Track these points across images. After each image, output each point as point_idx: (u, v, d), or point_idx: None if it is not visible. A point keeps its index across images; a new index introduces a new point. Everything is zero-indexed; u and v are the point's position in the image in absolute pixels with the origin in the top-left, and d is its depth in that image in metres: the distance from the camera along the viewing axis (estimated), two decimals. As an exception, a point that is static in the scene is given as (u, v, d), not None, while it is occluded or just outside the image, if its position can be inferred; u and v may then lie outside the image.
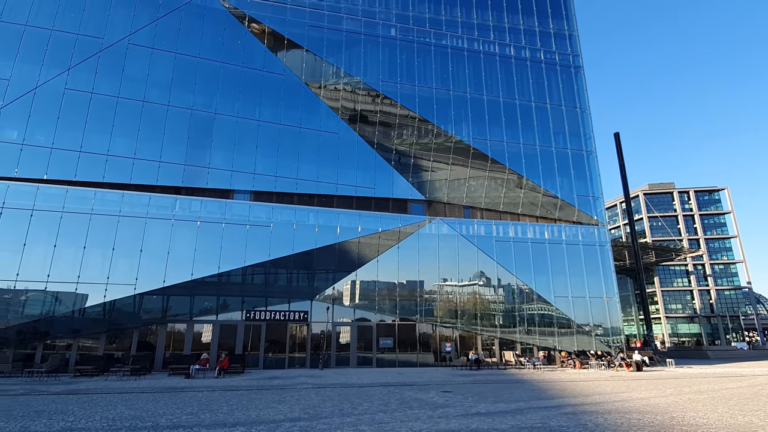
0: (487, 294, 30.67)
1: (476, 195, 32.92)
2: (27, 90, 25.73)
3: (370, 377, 21.37)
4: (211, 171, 28.18)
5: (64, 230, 24.33)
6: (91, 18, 28.20)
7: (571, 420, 9.50)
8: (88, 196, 25.32)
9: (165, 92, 28.44)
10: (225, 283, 26.75)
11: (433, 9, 35.88)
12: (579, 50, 37.39)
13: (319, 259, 28.75)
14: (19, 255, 23.40)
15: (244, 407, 11.56)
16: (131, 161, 26.59)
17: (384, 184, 31.52)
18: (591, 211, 33.36)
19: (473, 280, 30.70)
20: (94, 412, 10.75)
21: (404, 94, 32.76)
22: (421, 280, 30.12)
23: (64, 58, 26.87)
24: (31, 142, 25.12)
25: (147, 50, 28.70)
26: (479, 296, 30.45)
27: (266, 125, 30.02)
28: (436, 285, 30.20)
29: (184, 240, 26.12)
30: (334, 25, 33.16)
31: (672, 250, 69.60)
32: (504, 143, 33.38)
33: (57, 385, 17.26)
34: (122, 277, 24.53)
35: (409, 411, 10.73)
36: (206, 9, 30.82)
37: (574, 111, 35.57)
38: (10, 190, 24.14)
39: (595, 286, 31.57)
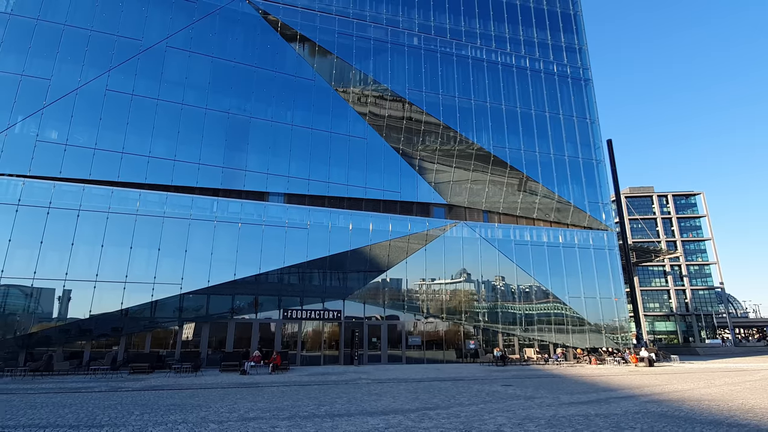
0: (507, 294, 32.45)
1: (495, 200, 34.64)
2: (68, 90, 25.95)
3: (415, 373, 22.75)
4: (248, 173, 28.95)
5: (111, 230, 24.79)
6: (129, 19, 28.51)
7: (659, 407, 11.14)
8: (132, 197, 25.80)
9: (202, 95, 29.02)
10: (264, 283, 27.64)
11: (453, 20, 37.34)
12: (588, 64, 39.54)
13: (352, 260, 29.93)
14: (67, 254, 23.78)
15: (349, 400, 12.78)
16: (172, 163, 27.15)
17: (409, 188, 32.88)
18: (600, 216, 35.54)
19: (494, 281, 32.42)
20: (221, 406, 11.79)
21: (429, 102, 34.15)
22: (447, 281, 31.66)
23: (104, 59, 27.16)
24: (74, 143, 25.41)
25: (184, 53, 29.20)
26: (500, 296, 32.20)
27: (299, 129, 30.93)
28: (460, 285, 31.79)
29: (226, 241, 26.90)
30: (362, 32, 34.25)
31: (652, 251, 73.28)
32: (521, 151, 35.19)
33: (126, 382, 18.02)
34: (168, 276, 25.16)
35: (507, 402, 12.18)
36: (239, 14, 31.43)
37: (585, 122, 37.69)
38: (56, 190, 24.43)
39: (604, 287, 33.78)
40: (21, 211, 23.57)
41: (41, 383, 17.56)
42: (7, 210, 23.41)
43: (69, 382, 17.95)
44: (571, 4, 41.04)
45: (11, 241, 23.07)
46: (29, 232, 23.48)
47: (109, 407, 11.52)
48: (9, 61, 25.35)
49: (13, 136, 24.40)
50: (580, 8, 41.04)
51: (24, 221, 23.50)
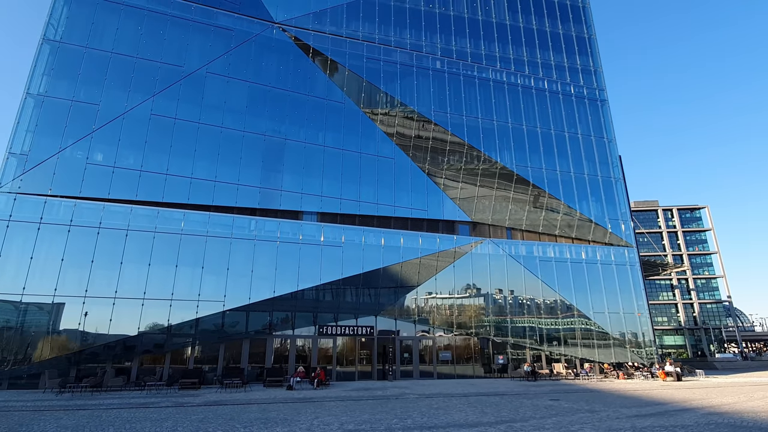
0: (533, 309, 33.16)
1: (518, 217, 35.59)
2: (116, 115, 27.13)
3: (453, 388, 23.38)
4: (284, 193, 29.96)
5: (157, 249, 25.68)
6: (171, 46, 29.86)
7: (722, 418, 11.90)
8: (176, 217, 26.75)
9: (240, 118, 30.21)
10: (300, 300, 28.40)
11: (474, 44, 38.84)
12: (604, 85, 40.94)
13: (384, 277, 30.73)
14: (116, 273, 24.62)
15: (421, 414, 13.52)
16: (213, 184, 28.18)
17: (435, 207, 33.86)
18: (620, 233, 36.46)
19: (520, 296, 33.17)
20: (306, 419, 12.53)
21: (453, 123, 35.38)
22: (475, 297, 32.42)
23: (148, 85, 28.41)
24: (121, 165, 26.47)
25: (223, 78, 30.49)
26: (527, 311, 32.91)
27: (330, 150, 32.06)
28: (487, 301, 32.53)
29: (265, 259, 27.75)
30: (388, 57, 35.67)
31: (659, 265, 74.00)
32: (543, 170, 36.29)
33: (185, 398, 18.69)
34: (211, 294, 25.95)
35: (575, 415, 12.92)
36: (273, 40, 32.85)
37: (602, 141, 38.89)
38: (105, 211, 25.39)
39: (627, 302, 34.51)
40: (73, 231, 24.49)
41: (104, 399, 18.22)
42: (60, 230, 24.33)
43: (131, 398, 18.62)
44: (585, 28, 42.64)
45: (64, 261, 23.94)
46: (81, 251, 24.37)
47: (202, 421, 12.26)
48: (60, 87, 26.57)
49: (65, 159, 25.46)
50: (594, 32, 42.63)
51: (76, 241, 24.41)
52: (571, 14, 42.63)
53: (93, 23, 28.38)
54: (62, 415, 13.42)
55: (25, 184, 24.42)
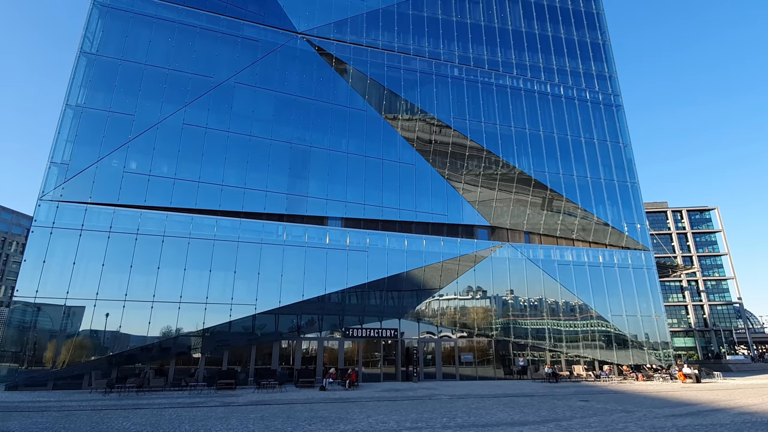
0: (553, 312, 33.82)
1: (535, 221, 36.27)
2: (150, 125, 28.13)
3: (479, 389, 24.11)
4: (309, 199, 30.84)
5: (192, 255, 26.62)
6: (201, 58, 30.85)
7: (754, 417, 12.57)
8: (209, 223, 27.69)
9: (267, 127, 31.14)
10: (327, 303, 29.24)
11: (490, 51, 39.60)
12: (619, 90, 41.54)
13: (408, 281, 31.53)
14: (153, 277, 25.59)
15: (466, 412, 14.28)
16: (242, 191, 29.11)
17: (455, 211, 34.61)
18: (637, 237, 37.05)
19: (539, 299, 33.85)
20: (360, 417, 13.33)
21: (472, 129, 36.14)
22: (495, 300, 33.12)
23: (180, 95, 29.41)
24: (156, 173, 27.45)
25: (250, 88, 31.45)
26: (547, 314, 33.57)
27: (353, 156, 32.91)
28: (507, 304, 33.23)
29: (294, 263, 28.63)
30: (408, 65, 36.51)
31: (669, 266, 74.22)
32: (560, 175, 36.96)
33: (228, 398, 19.55)
34: (243, 297, 26.86)
35: (613, 415, 13.64)
36: (298, 51, 33.77)
37: (618, 146, 39.50)
38: (142, 218, 26.37)
39: (645, 305, 35.08)
40: (112, 237, 25.49)
41: (153, 399, 19.11)
42: (100, 237, 25.32)
43: (177, 398, 19.51)
44: (599, 34, 43.28)
45: (104, 266, 24.93)
46: (120, 257, 25.36)
47: (264, 419, 13.10)
48: (97, 98, 27.61)
49: (103, 168, 26.47)
50: (608, 38, 43.26)
51: (115, 247, 25.41)
52: (585, 21, 43.30)
53: (127, 36, 29.43)
54: (129, 414, 14.30)
55: (67, 192, 25.45)
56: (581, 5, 43.93)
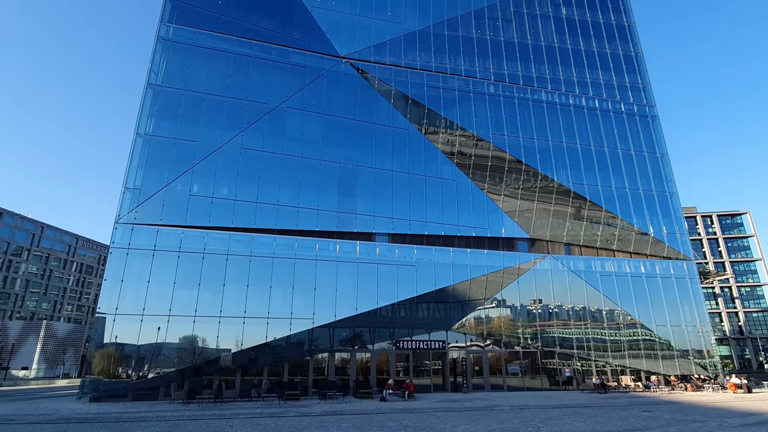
0: (596, 323, 34.28)
1: (575, 233, 36.88)
2: (212, 150, 30.03)
3: (532, 399, 24.84)
4: (358, 216, 32.22)
5: (253, 272, 28.22)
6: (255, 85, 32.77)
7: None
8: (267, 242, 29.30)
9: (317, 148, 32.77)
10: (379, 316, 30.41)
11: (524, 67, 40.66)
12: (653, 101, 42.01)
13: (454, 294, 32.51)
14: (219, 294, 27.24)
15: (546, 423, 15.19)
16: (296, 210, 30.69)
17: (495, 225, 35.52)
18: (678, 246, 37.27)
19: (583, 310, 34.36)
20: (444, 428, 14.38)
21: (511, 144, 37.14)
22: (539, 311, 33.81)
23: (237, 121, 31.31)
24: (218, 195, 29.27)
25: (300, 112, 33.20)
26: (591, 325, 34.04)
27: (397, 174, 34.24)
28: (552, 315, 33.85)
29: (347, 278, 29.97)
30: (446, 84, 37.84)
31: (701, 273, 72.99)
32: (599, 187, 37.56)
33: (302, 408, 20.81)
34: (302, 312, 28.28)
35: (690, 425, 14.38)
36: (342, 74, 35.47)
37: (655, 156, 39.91)
38: (208, 238, 28.14)
39: (689, 315, 35.24)
40: (182, 256, 27.28)
41: (233, 409, 20.51)
42: (171, 256, 27.15)
43: (254, 408, 20.87)
44: (632, 47, 43.92)
45: (176, 284, 26.69)
46: (189, 275, 27.12)
47: (358, 427, 14.27)
48: (164, 126, 29.68)
49: (171, 192, 28.40)
50: (640, 50, 43.85)
51: (184, 266, 27.19)
52: (617, 34, 44.02)
53: (188, 67, 31.56)
54: (232, 424, 15.66)
55: (140, 215, 27.41)
56: (612, 19, 44.70)
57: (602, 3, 44.93)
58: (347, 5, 38.06)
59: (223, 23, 33.46)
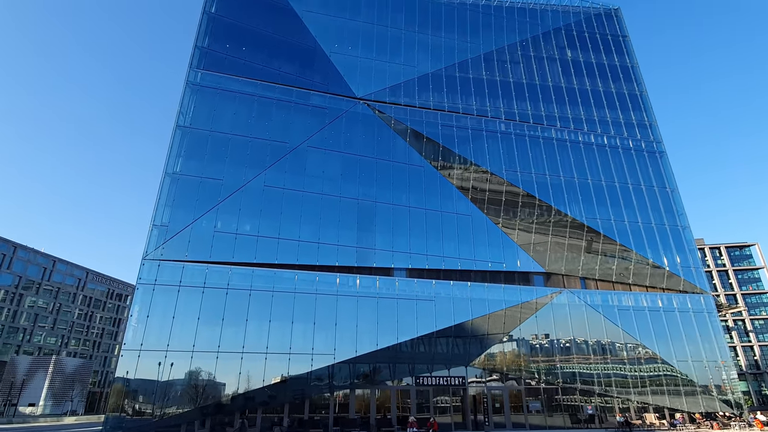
0: (617, 358, 34.01)
1: (590, 267, 37.16)
2: (236, 188, 31.04)
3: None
4: (377, 251, 32.77)
5: (276, 307, 28.56)
6: (277, 126, 34.19)
7: None
8: (289, 277, 29.78)
9: (336, 185, 33.76)
10: (399, 352, 30.40)
11: (533, 106, 42.18)
12: (660, 137, 43.19)
13: (473, 329, 32.55)
14: (242, 329, 27.50)
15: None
16: (317, 245, 31.32)
17: (511, 259, 35.91)
18: (694, 280, 37.36)
19: (602, 345, 34.17)
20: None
21: (524, 180, 38.07)
22: (558, 346, 33.67)
23: (260, 160, 32.48)
24: (242, 232, 30.02)
25: (320, 151, 34.43)
26: (611, 360, 33.77)
27: (414, 210, 35.02)
28: (571, 350, 33.67)
29: (367, 314, 30.20)
30: (459, 122, 39.24)
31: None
32: (611, 221, 38.13)
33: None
34: (323, 347, 28.37)
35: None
36: (360, 115, 36.96)
37: (665, 191, 40.66)
38: (232, 274, 28.68)
39: (710, 350, 34.92)
40: (206, 292, 27.75)
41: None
42: (196, 292, 27.63)
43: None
44: (636, 86, 45.58)
45: (200, 319, 27.03)
46: (212, 310, 27.49)
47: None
48: (191, 166, 30.84)
49: (197, 229, 29.19)
50: (644, 88, 45.46)
51: (208, 301, 27.62)
52: (621, 74, 45.79)
53: (214, 110, 33.07)
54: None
55: (166, 251, 28.10)
56: (615, 60, 46.62)
57: (605, 46, 46.99)
58: (363, 50, 40.07)
59: (247, 68, 35.26)
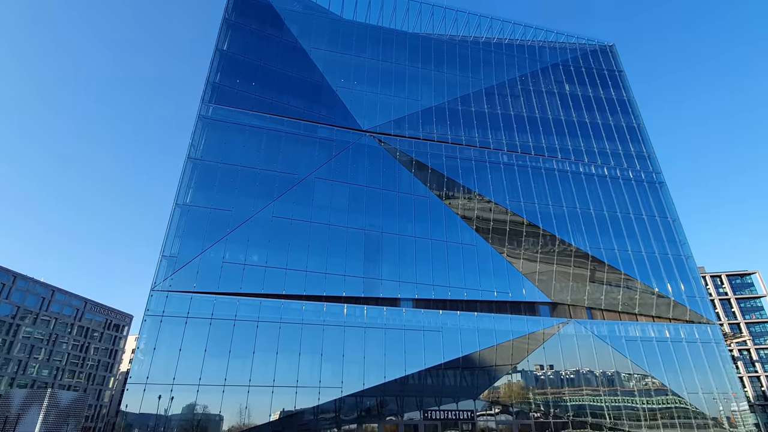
0: (627, 389, 33.54)
1: (596, 296, 37.16)
2: (245, 219, 31.39)
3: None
4: (384, 282, 32.84)
5: (283, 339, 28.37)
6: (285, 158, 34.90)
7: None
8: (296, 308, 29.73)
9: (343, 216, 34.15)
10: (406, 385, 29.99)
11: (534, 138, 43.21)
12: (659, 168, 44.08)
13: (481, 360, 32.25)
14: (249, 361, 27.22)
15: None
16: (324, 276, 31.41)
17: (516, 289, 35.95)
18: (700, 309, 37.32)
19: (611, 376, 33.79)
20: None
21: (527, 210, 38.58)
22: (567, 378, 33.26)
23: (269, 191, 32.99)
24: (250, 262, 30.16)
25: (328, 182, 35.02)
26: (621, 392, 33.30)
27: (420, 240, 35.30)
28: (581, 381, 33.25)
29: (375, 345, 29.98)
30: (463, 154, 40.09)
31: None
32: (615, 251, 38.41)
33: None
34: (330, 380, 28.02)
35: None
36: (366, 147, 37.80)
37: (666, 221, 41.16)
38: (240, 304, 28.63)
39: (719, 381, 34.51)
40: (214, 324, 27.63)
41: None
42: (203, 324, 27.51)
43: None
44: (633, 118, 46.86)
45: (206, 351, 26.80)
46: (220, 342, 27.29)
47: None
48: (201, 197, 31.28)
49: (206, 259, 29.35)
50: (641, 121, 46.72)
51: (216, 333, 27.47)
52: (618, 107, 47.17)
53: (225, 142, 33.84)
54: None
55: (175, 282, 28.14)
56: (612, 94, 48.12)
57: (602, 80, 48.62)
58: (368, 85, 41.38)
59: (257, 102, 36.30)
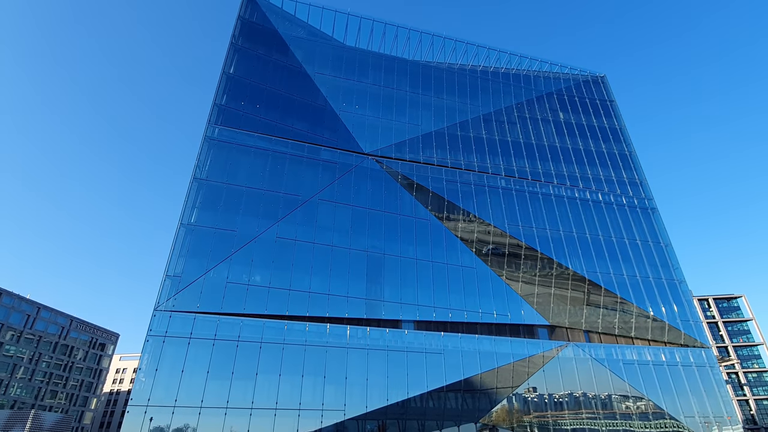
0: (625, 413, 33.80)
1: (593, 320, 37.74)
2: (249, 239, 31.59)
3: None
4: (385, 303, 33.05)
5: (286, 360, 28.27)
6: (289, 179, 35.38)
7: None
8: (299, 329, 29.73)
9: (346, 237, 34.53)
10: (407, 408, 29.91)
11: (530, 164, 44.42)
12: (651, 194, 45.45)
13: (482, 383, 32.36)
14: (252, 383, 27.02)
15: None
16: (327, 297, 31.55)
17: (515, 311, 36.39)
18: (693, 333, 38.06)
19: (610, 400, 34.07)
20: None
21: (525, 234, 39.37)
22: (567, 401, 33.45)
23: (273, 212, 33.32)
24: (253, 283, 30.22)
25: (331, 204, 35.49)
26: (620, 416, 33.54)
27: (421, 262, 35.73)
28: (580, 405, 33.45)
29: (378, 367, 29.99)
30: (463, 178, 40.99)
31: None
32: (611, 275, 39.23)
33: None
34: (333, 403, 27.87)
35: None
36: (368, 170, 38.50)
37: (659, 246, 42.26)
38: (243, 325, 28.57)
39: (714, 404, 34.98)
40: (217, 345, 27.48)
41: None
42: (206, 344, 27.36)
43: None
44: (625, 146, 48.49)
45: (209, 373, 26.58)
46: (223, 363, 27.11)
47: None
48: (206, 217, 31.47)
49: (209, 279, 29.37)
50: (633, 149, 48.36)
51: (218, 354, 27.29)
52: (611, 136, 48.83)
53: (230, 163, 34.27)
54: None
55: (178, 302, 28.06)
56: (605, 122, 49.86)
57: (594, 109, 50.43)
58: (370, 109, 42.40)
59: (262, 125, 36.95)
